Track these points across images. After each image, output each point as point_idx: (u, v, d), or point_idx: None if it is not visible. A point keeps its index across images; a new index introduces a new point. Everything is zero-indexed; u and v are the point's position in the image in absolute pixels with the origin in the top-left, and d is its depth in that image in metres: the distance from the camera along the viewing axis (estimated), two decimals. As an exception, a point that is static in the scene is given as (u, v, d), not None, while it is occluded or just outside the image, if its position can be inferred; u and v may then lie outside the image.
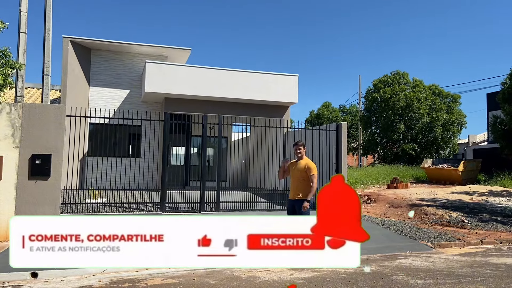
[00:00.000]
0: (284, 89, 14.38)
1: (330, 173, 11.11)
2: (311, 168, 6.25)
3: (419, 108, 27.69)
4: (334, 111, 40.08)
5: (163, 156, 9.75)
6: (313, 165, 6.33)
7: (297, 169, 6.35)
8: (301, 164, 6.32)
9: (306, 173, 6.27)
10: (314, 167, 6.30)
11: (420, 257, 6.78)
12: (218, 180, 10.17)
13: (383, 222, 9.69)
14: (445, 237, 8.29)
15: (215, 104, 14.02)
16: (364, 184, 18.36)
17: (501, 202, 12.58)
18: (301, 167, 6.30)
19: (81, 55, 13.95)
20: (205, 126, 10.03)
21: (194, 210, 10.01)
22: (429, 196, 13.75)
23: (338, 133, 10.95)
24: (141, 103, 14.79)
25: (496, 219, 10.14)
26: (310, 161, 6.43)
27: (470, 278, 5.15)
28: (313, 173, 6.23)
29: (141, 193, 11.73)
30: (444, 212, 10.86)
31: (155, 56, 14.87)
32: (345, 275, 5.42)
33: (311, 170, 6.25)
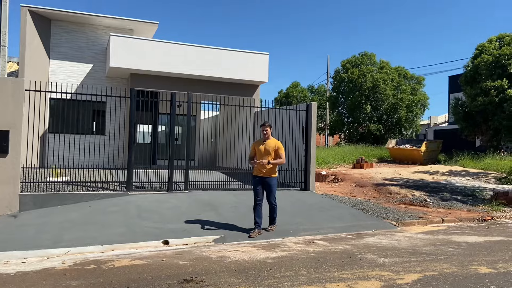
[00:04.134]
0: (255, 67, 14.19)
1: (299, 153, 11.16)
2: (281, 147, 7.01)
3: (385, 89, 28.25)
4: (302, 91, 40.28)
5: (130, 134, 9.44)
6: (281, 144, 7.12)
7: (266, 149, 6.95)
8: (270, 144, 7.00)
9: (275, 152, 6.94)
10: (282, 146, 7.10)
11: (386, 235, 6.97)
12: (187, 159, 9.99)
13: (349, 201, 9.89)
14: (408, 215, 8.56)
15: (184, 82, 13.68)
16: (331, 163, 18.68)
17: (461, 181, 13.13)
18: (271, 147, 6.96)
19: (40, 25, 13.14)
20: (173, 104, 9.75)
21: (162, 189, 9.82)
22: (393, 176, 14.16)
23: (308, 113, 10.96)
24: (105, 79, 14.21)
25: (456, 198, 10.58)
26: (278, 141, 7.13)
27: (434, 256, 5.34)
28: (283, 152, 7.03)
29: (106, 171, 11.37)
30: (407, 191, 11.21)
31: (120, 29, 14.23)
32: (314, 254, 5.48)
33: (281, 149, 6.99)
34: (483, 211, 9.29)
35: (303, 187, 10.89)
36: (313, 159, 10.86)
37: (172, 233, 6.73)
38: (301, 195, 10.30)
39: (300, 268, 4.81)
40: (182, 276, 4.51)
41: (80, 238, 6.39)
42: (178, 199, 9.03)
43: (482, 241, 6.35)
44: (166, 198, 9.07)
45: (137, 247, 6.19)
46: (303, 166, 10.97)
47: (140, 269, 4.82)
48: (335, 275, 4.51)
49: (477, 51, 21.92)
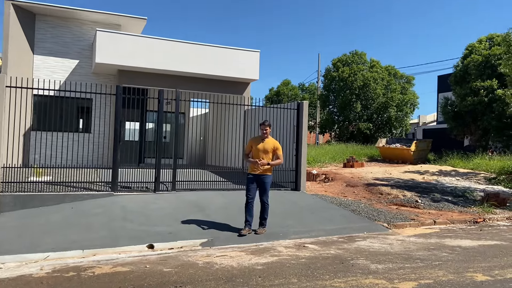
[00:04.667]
0: (245, 64, 13.93)
1: (290, 152, 10.96)
2: (279, 148, 7.02)
3: (376, 88, 28.22)
4: (293, 89, 40.14)
5: (115, 132, 9.13)
6: (280, 145, 7.13)
7: (265, 148, 6.90)
8: (269, 143, 6.95)
9: (274, 152, 6.95)
10: (281, 147, 7.12)
11: (378, 238, 6.81)
12: (174, 158, 9.72)
13: (340, 201, 9.72)
14: (400, 217, 8.42)
15: (173, 79, 13.37)
16: (321, 162, 18.53)
17: (451, 182, 13.07)
18: (270, 147, 6.96)
19: (24, 20, 12.72)
20: (161, 101, 9.47)
21: (148, 189, 9.54)
22: (384, 175, 14.05)
23: (299, 112, 10.76)
24: (91, 75, 13.83)
25: (447, 199, 10.48)
26: (276, 141, 7.12)
27: (428, 262, 5.18)
28: (281, 153, 7.04)
29: (91, 171, 11.05)
30: (398, 192, 11.09)
31: (107, 24, 13.85)
32: (305, 260, 5.28)
33: (279, 149, 7.01)
34: (474, 212, 9.20)
35: (293, 187, 10.70)
36: (304, 158, 10.67)
37: (157, 236, 6.48)
38: (292, 195, 10.11)
39: (291, 275, 4.60)
40: (166, 285, 4.27)
41: (61, 242, 6.11)
42: (165, 200, 8.76)
43: (476, 245, 6.21)
44: (153, 199, 8.80)
45: (120, 252, 5.93)
46: (293, 166, 10.77)
47: (122, 277, 4.57)
48: (327, 283, 4.32)
49: (466, 51, 21.96)
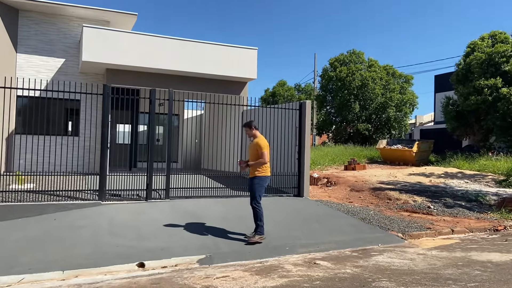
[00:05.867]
0: (242, 63, 13.20)
1: (292, 155, 10.26)
2: (261, 146, 6.37)
3: (374, 88, 27.62)
4: (289, 90, 39.50)
5: (103, 135, 8.38)
6: (263, 142, 6.44)
7: (251, 149, 6.54)
8: (253, 143, 6.54)
9: (257, 150, 6.40)
10: (263, 144, 6.41)
11: (396, 252, 6.11)
12: (168, 163, 8.98)
13: (348, 209, 9.02)
14: (414, 226, 7.75)
15: (166, 78, 12.61)
16: (321, 165, 17.85)
17: (460, 185, 12.44)
18: (253, 145, 6.51)
19: (6, 16, 11.90)
20: (153, 101, 8.73)
21: (140, 197, 8.79)
22: (389, 179, 13.40)
23: (302, 113, 10.06)
24: (79, 75, 13.03)
25: (461, 204, 9.83)
26: (261, 138, 6.53)
27: (461, 283, 4.48)
28: (264, 150, 6.35)
29: (79, 177, 10.28)
30: (408, 197, 10.42)
31: (95, 20, 13.06)
32: (319, 283, 4.57)
33: (261, 147, 6.36)
34: (492, 219, 8.55)
35: (296, 193, 10.00)
36: (307, 162, 9.97)
37: (149, 252, 5.74)
38: (295, 202, 9.40)
39: (306, 304, 3.89)
40: (158, 321, 3.53)
41: (39, 261, 5.34)
42: (158, 210, 8.01)
43: (508, 260, 5.53)
44: (144, 209, 8.04)
45: (106, 272, 5.18)
46: (296, 170, 10.07)
47: (105, 309, 3.83)
48: (351, 315, 3.60)
49: (468, 49, 21.38)
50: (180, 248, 5.95)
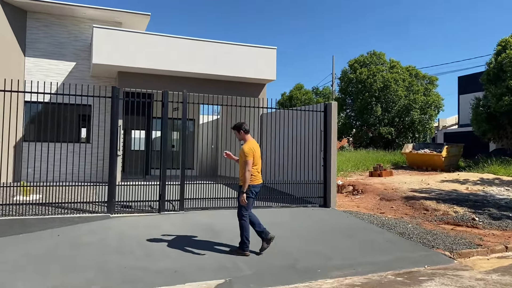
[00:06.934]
0: (261, 63, 12.41)
1: (317, 162, 9.40)
2: (245, 152, 5.51)
3: (397, 90, 26.49)
4: (307, 93, 38.55)
5: (111, 141, 7.69)
6: (248, 147, 5.56)
7: (239, 154, 5.73)
8: (241, 148, 5.70)
9: (241, 158, 5.61)
10: (247, 150, 5.52)
11: (448, 276, 5.19)
12: (182, 171, 8.23)
13: (382, 221, 8.10)
14: (462, 242, 6.78)
15: (180, 81, 11.91)
16: (344, 171, 16.90)
17: (501, 192, 11.34)
18: (240, 152, 5.67)
19: (14, 18, 11.43)
20: (165, 104, 8.02)
21: (153, 209, 8.06)
22: (421, 186, 12.37)
23: (327, 115, 9.21)
24: (90, 79, 12.46)
25: (508, 215, 8.78)
26: (249, 143, 5.67)
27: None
28: (247, 158, 5.48)
29: (89, 187, 9.63)
30: (447, 207, 9.42)
31: (106, 22, 12.49)
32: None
33: (245, 154, 5.51)
34: (549, 233, 7.50)
35: (322, 203, 9.13)
36: (334, 169, 9.10)
37: (160, 276, 4.96)
38: (322, 213, 8.53)
39: None
40: None
41: (33, 286, 4.63)
42: (171, 223, 7.25)
43: None
44: (156, 222, 7.30)
45: (109, 303, 4.43)
46: (321, 178, 9.20)
47: None
48: None
49: (499, 47, 20.13)
50: (194, 270, 5.16)
